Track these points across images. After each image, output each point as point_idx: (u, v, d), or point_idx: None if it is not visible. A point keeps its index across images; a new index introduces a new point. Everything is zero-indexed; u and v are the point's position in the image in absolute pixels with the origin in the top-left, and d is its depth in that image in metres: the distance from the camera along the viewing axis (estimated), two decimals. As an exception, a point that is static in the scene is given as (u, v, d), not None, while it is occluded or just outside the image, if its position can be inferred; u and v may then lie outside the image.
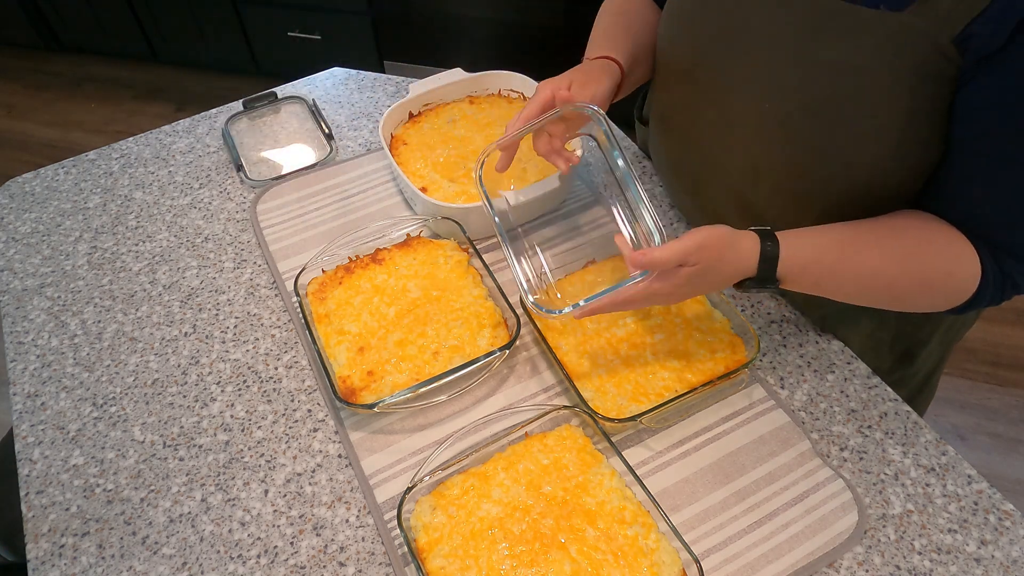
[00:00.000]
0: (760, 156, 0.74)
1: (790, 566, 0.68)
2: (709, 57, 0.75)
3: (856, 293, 0.71)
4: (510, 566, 0.65)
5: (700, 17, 0.75)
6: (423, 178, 0.98)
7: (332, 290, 0.86)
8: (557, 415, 0.76)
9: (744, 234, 0.67)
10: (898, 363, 0.90)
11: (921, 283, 0.68)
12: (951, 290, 0.68)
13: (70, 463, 0.78)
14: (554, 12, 2.08)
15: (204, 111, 1.18)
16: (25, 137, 2.66)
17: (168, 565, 0.70)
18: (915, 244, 0.67)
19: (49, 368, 0.86)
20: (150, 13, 2.58)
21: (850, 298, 0.72)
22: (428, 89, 1.05)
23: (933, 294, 0.69)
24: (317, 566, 0.70)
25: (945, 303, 0.70)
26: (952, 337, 0.93)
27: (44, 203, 1.05)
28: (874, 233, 0.68)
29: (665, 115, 0.88)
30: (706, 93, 0.77)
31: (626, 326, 0.83)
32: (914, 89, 0.61)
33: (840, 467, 0.75)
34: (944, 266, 0.66)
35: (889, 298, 0.71)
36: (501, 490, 0.70)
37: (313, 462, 0.77)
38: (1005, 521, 0.71)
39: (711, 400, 0.79)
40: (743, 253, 0.66)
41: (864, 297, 0.71)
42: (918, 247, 0.67)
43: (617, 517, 0.68)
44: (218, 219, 1.02)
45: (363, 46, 2.41)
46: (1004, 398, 1.83)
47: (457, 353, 0.80)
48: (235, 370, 0.85)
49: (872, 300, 0.71)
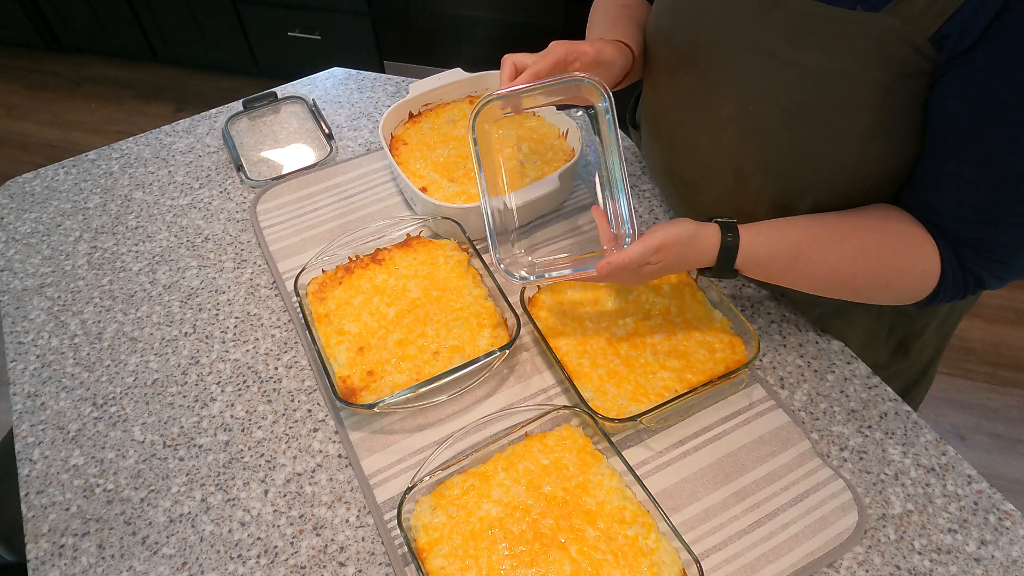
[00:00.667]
0: (745, 159, 0.75)
1: (790, 566, 0.68)
2: (693, 60, 0.75)
3: (812, 288, 0.73)
4: (510, 566, 0.65)
5: (685, 18, 0.75)
6: (423, 178, 0.98)
7: (332, 290, 0.86)
8: (557, 415, 0.76)
9: (707, 227, 0.71)
10: (893, 356, 0.90)
11: (877, 281, 0.70)
12: (908, 288, 0.70)
13: (70, 463, 0.78)
14: (554, 12, 2.08)
15: (204, 111, 1.18)
16: (25, 137, 2.66)
17: (168, 565, 0.70)
18: (874, 243, 0.69)
19: (49, 368, 0.86)
20: (150, 13, 2.58)
21: (808, 291, 0.75)
22: (428, 89, 1.05)
23: (890, 291, 0.71)
24: (317, 566, 0.70)
25: (904, 299, 0.72)
26: (949, 328, 0.94)
27: (44, 203, 1.05)
28: (836, 231, 0.70)
29: (656, 118, 0.89)
30: (692, 96, 0.78)
31: (626, 326, 0.83)
32: (893, 89, 0.61)
33: (840, 467, 0.75)
34: (901, 265, 0.69)
35: (846, 293, 0.73)
36: (501, 490, 0.70)
37: (313, 462, 0.77)
38: (1005, 521, 0.71)
39: (711, 400, 0.79)
40: (703, 247, 0.70)
41: (821, 291, 0.74)
42: (877, 246, 0.69)
43: (617, 517, 0.68)
44: (218, 219, 1.02)
45: (363, 46, 2.41)
46: (1004, 398, 1.83)
47: (457, 353, 0.80)
48: (235, 370, 0.85)
49: (829, 293, 0.74)
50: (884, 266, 0.69)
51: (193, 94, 2.78)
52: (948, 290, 0.69)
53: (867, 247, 0.69)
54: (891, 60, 0.60)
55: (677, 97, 0.81)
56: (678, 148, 0.85)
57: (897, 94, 0.61)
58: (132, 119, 2.70)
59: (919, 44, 0.58)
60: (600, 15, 0.88)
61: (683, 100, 0.80)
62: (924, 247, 0.68)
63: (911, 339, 0.90)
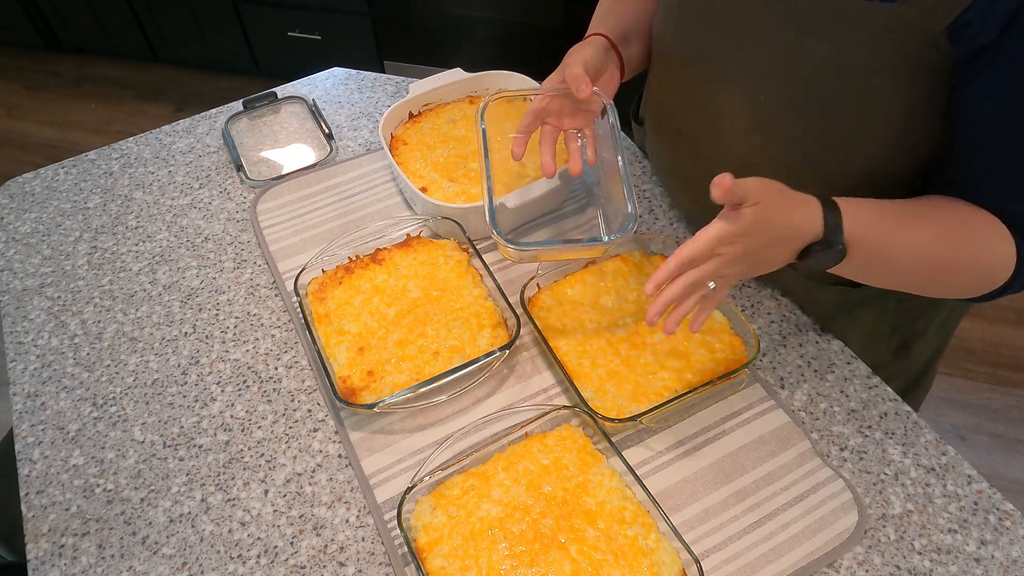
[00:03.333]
0: (751, 154, 0.74)
1: (790, 566, 0.68)
2: (702, 53, 0.75)
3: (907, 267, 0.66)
4: (510, 566, 0.65)
5: (694, 13, 0.75)
6: (423, 178, 0.98)
7: (332, 290, 0.86)
8: (557, 415, 0.76)
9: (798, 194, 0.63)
10: (895, 355, 0.90)
11: (967, 259, 0.65)
12: (995, 268, 0.65)
13: (70, 463, 0.78)
14: (554, 12, 2.08)
15: (204, 111, 1.18)
16: (25, 137, 2.66)
17: (168, 565, 0.70)
18: (960, 221, 0.65)
19: (49, 368, 0.86)
20: (150, 13, 2.58)
21: (898, 275, 0.68)
22: (428, 89, 1.05)
23: (978, 273, 0.66)
24: (317, 566, 0.70)
25: (985, 284, 0.67)
26: (950, 327, 0.93)
27: (44, 203, 1.05)
28: (919, 208, 0.66)
29: (660, 114, 0.89)
30: (699, 90, 0.78)
31: (626, 326, 0.83)
32: (905, 82, 0.61)
33: (840, 467, 0.75)
34: (988, 242, 0.64)
35: (935, 274, 0.67)
36: (501, 490, 0.70)
37: (313, 462, 0.77)
38: (1005, 521, 0.71)
39: (711, 400, 0.79)
40: (805, 204, 0.62)
41: (912, 272, 0.67)
42: (964, 224, 0.64)
43: (617, 517, 0.68)
44: (218, 219, 1.02)
45: (363, 46, 2.41)
46: (1004, 398, 1.83)
47: (457, 353, 0.80)
48: (235, 370, 0.85)
49: (917, 276, 0.67)
50: (975, 243, 0.64)
51: (193, 94, 2.78)
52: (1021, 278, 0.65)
53: (955, 224, 0.64)
54: (905, 53, 0.59)
55: (683, 91, 0.81)
56: (683, 143, 0.85)
57: (911, 88, 0.61)
58: (132, 119, 2.70)
59: (934, 36, 0.57)
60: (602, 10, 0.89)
61: (690, 94, 0.80)
62: (999, 227, 0.64)
63: (913, 339, 0.90)
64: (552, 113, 0.80)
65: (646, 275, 0.87)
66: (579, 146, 0.80)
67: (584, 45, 0.81)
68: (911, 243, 0.64)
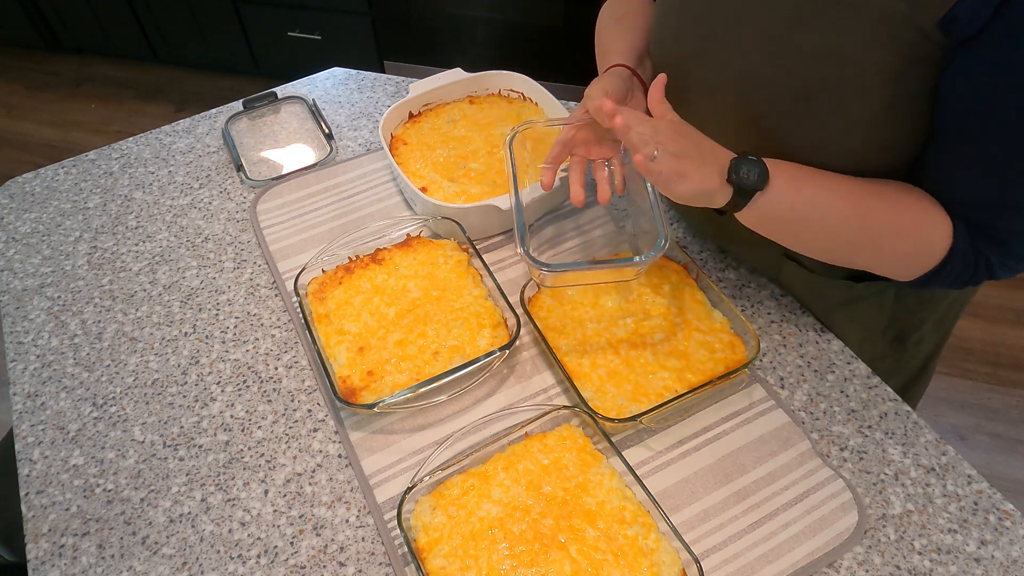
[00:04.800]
0: (747, 146, 0.74)
1: (790, 566, 0.68)
2: (698, 52, 0.76)
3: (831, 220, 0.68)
4: (510, 566, 0.65)
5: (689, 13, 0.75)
6: (423, 178, 0.98)
7: (332, 290, 0.86)
8: (557, 415, 0.76)
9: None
10: (891, 348, 0.90)
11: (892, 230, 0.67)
12: (921, 247, 0.67)
13: (70, 463, 0.78)
14: (554, 12, 2.08)
15: (204, 111, 1.18)
16: (25, 137, 2.66)
17: (168, 565, 0.70)
18: (895, 198, 0.67)
19: (49, 368, 0.86)
20: (150, 13, 2.58)
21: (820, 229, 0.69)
22: (428, 89, 1.05)
23: (901, 244, 0.68)
24: (317, 566, 0.70)
25: (911, 261, 0.69)
26: (947, 325, 0.94)
27: (44, 203, 1.05)
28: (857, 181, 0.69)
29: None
30: (696, 88, 0.78)
31: (626, 326, 0.83)
32: (899, 74, 0.61)
33: (840, 467, 0.75)
34: (918, 220, 0.66)
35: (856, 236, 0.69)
36: (501, 490, 0.70)
37: (313, 462, 0.77)
38: (1005, 521, 0.71)
39: (711, 400, 0.79)
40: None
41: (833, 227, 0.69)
42: (898, 201, 0.67)
43: (617, 517, 0.68)
44: (218, 219, 1.02)
45: (363, 46, 2.41)
46: (1004, 398, 1.83)
47: (457, 353, 0.80)
48: (235, 370, 0.85)
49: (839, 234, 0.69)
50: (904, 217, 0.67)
51: (193, 94, 2.78)
52: (956, 266, 0.67)
53: (889, 198, 0.67)
54: (898, 44, 0.59)
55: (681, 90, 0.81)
56: None
57: (904, 79, 0.61)
58: (132, 119, 2.70)
59: (927, 29, 0.58)
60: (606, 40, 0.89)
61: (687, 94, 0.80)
62: (940, 217, 0.66)
63: (909, 332, 0.90)
64: (579, 143, 0.80)
65: (646, 276, 0.87)
66: (607, 175, 0.81)
67: (603, 77, 0.81)
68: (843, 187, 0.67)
